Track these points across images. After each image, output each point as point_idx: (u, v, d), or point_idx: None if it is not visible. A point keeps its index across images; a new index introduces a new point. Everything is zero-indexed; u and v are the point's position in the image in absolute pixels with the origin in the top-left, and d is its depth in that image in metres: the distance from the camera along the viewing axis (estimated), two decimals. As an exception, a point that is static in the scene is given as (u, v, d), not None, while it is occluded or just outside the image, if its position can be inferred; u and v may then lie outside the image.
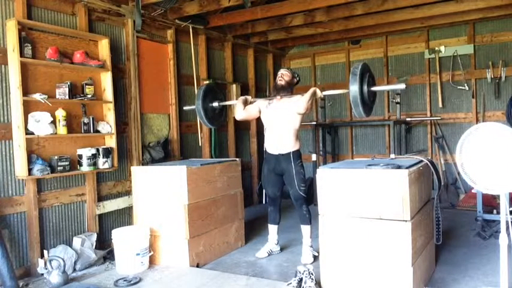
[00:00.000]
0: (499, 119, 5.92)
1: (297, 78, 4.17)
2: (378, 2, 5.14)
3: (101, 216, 4.32)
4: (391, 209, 2.84)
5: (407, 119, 6.42)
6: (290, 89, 4.04)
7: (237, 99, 6.18)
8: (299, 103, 3.81)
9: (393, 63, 6.87)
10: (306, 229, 3.97)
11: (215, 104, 4.32)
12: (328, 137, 7.05)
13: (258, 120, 4.26)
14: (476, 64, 6.26)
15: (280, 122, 3.92)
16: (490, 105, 6.21)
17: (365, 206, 2.94)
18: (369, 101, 3.35)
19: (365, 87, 3.25)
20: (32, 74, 3.70)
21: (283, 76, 4.02)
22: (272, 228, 4.19)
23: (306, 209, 3.96)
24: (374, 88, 3.41)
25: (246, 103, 4.15)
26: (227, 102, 4.60)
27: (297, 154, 3.94)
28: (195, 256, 3.84)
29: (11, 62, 3.52)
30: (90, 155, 3.97)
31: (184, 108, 4.94)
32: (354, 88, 3.19)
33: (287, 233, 4.64)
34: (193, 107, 4.30)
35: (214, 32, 5.92)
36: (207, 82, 5.19)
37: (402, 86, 3.69)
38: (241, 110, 4.10)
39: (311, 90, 3.83)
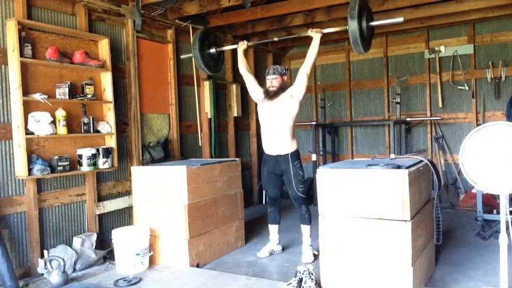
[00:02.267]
0: (499, 119, 5.92)
1: (286, 73, 4.06)
2: (377, 2, 5.13)
3: (101, 216, 4.32)
4: (391, 209, 2.84)
5: (407, 119, 6.42)
6: (283, 90, 3.92)
7: (237, 99, 6.27)
8: (303, 67, 3.81)
9: (393, 63, 6.87)
10: (305, 229, 3.98)
11: (212, 50, 4.28)
12: (328, 137, 7.05)
13: (258, 120, 4.26)
14: (476, 64, 6.26)
15: (275, 119, 3.87)
16: (490, 105, 6.21)
17: (365, 206, 2.94)
18: (367, 36, 3.39)
19: (364, 23, 3.29)
20: (32, 74, 3.70)
21: (273, 82, 3.90)
22: (273, 228, 4.19)
23: (306, 208, 3.97)
24: (373, 23, 3.45)
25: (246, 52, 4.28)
26: (225, 48, 4.56)
27: (295, 155, 3.91)
28: (195, 256, 3.84)
29: (11, 62, 3.52)
30: (90, 155, 3.97)
31: (181, 56, 4.91)
32: (353, 24, 3.22)
33: (287, 233, 4.63)
34: (190, 54, 4.26)
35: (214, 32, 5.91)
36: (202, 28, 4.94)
37: (400, 19, 3.62)
38: (242, 62, 4.17)
39: (316, 38, 3.76)
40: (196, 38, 4.21)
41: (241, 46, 4.20)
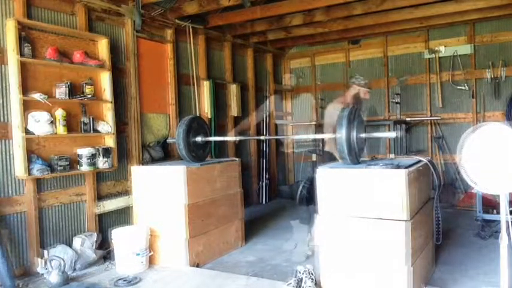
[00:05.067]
0: (498, 119, 5.92)
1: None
2: (377, 2, 5.13)
3: (100, 216, 4.32)
4: (391, 209, 2.84)
5: (407, 119, 6.42)
6: None
7: (236, 99, 6.26)
8: None
9: (393, 63, 6.87)
10: None
11: (198, 139, 4.01)
12: (327, 137, 7.03)
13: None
14: (476, 64, 6.26)
15: None
16: (490, 105, 6.21)
17: (364, 206, 2.94)
18: (357, 149, 3.10)
19: (354, 134, 3.01)
20: (32, 73, 3.69)
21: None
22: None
23: None
24: (364, 135, 3.17)
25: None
26: (210, 138, 4.26)
27: None
28: (194, 256, 3.84)
29: (11, 62, 3.51)
30: (90, 154, 3.97)
31: (168, 140, 4.59)
32: (340, 134, 2.95)
33: (287, 233, 4.63)
34: (174, 140, 4.00)
35: (214, 31, 5.92)
36: (192, 116, 4.38)
37: (393, 134, 3.66)
38: None
39: None
40: (182, 125, 3.89)
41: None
